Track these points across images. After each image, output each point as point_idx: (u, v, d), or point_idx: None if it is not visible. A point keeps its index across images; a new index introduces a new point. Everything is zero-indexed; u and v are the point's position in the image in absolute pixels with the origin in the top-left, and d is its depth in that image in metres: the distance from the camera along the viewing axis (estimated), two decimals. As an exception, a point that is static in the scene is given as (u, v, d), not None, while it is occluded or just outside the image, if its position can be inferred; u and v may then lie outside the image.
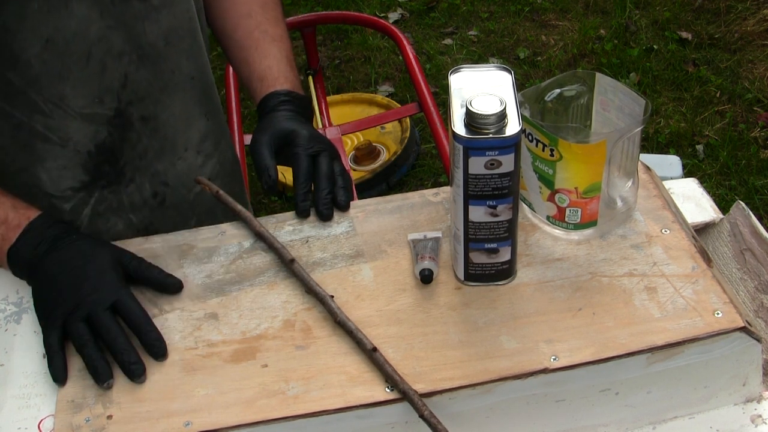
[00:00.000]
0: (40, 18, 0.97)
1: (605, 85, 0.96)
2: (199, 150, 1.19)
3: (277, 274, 0.98)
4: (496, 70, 0.91)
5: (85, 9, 1.00)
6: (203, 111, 1.17)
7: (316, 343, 0.90)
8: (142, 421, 0.84)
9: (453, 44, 3.28)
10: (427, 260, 0.95)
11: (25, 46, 0.98)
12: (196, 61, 1.13)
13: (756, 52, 3.11)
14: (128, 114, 1.08)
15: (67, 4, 0.98)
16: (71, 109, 1.04)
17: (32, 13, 0.97)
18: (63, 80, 1.02)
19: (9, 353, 0.94)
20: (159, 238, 1.04)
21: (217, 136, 1.22)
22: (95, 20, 1.01)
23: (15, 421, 0.87)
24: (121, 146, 1.10)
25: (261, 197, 2.73)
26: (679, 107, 2.89)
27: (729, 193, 2.55)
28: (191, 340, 0.91)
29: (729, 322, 0.88)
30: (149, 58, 1.07)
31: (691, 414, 0.92)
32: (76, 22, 1.00)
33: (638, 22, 3.29)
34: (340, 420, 0.84)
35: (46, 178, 1.07)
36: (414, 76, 2.30)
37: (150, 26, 1.06)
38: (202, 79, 1.16)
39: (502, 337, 0.89)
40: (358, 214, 1.05)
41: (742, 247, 1.09)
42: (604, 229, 0.99)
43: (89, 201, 1.11)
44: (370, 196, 1.97)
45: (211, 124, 1.20)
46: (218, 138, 1.23)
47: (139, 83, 1.08)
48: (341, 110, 2.85)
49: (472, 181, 0.87)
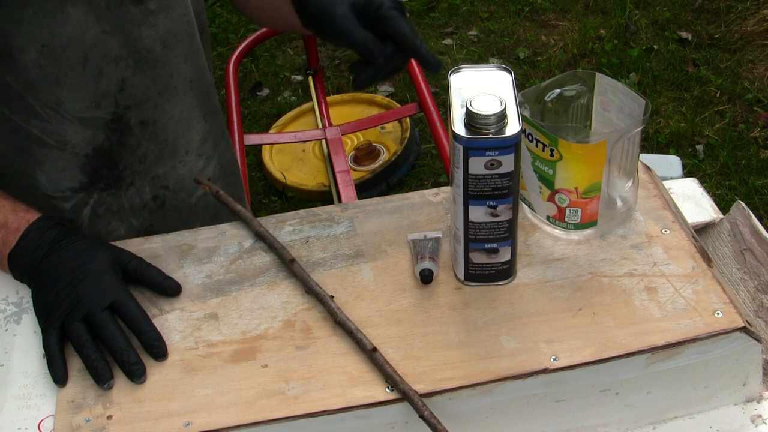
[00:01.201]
0: (36, 23, 0.97)
1: (605, 85, 0.96)
2: (200, 153, 1.19)
3: (277, 274, 0.98)
4: (496, 70, 0.91)
5: (80, 14, 0.99)
6: (202, 113, 1.17)
7: (316, 343, 0.90)
8: (142, 421, 0.84)
9: (453, 44, 3.27)
10: (427, 260, 0.95)
11: (21, 51, 0.98)
12: (194, 64, 1.13)
13: (756, 52, 3.11)
14: (126, 118, 1.08)
15: (63, 9, 0.98)
16: (68, 114, 1.04)
17: (28, 18, 0.96)
18: (60, 85, 1.02)
19: (9, 353, 0.94)
20: (159, 239, 1.04)
21: (216, 138, 1.22)
22: (91, 25, 1.01)
23: (15, 421, 0.87)
24: (119, 150, 1.10)
25: (261, 197, 2.73)
26: (679, 107, 2.89)
27: (729, 193, 2.55)
28: (191, 340, 0.91)
29: (729, 322, 0.88)
30: (147, 63, 1.07)
31: (691, 414, 0.92)
32: (72, 27, 0.99)
33: (638, 22, 3.29)
34: (340, 420, 0.84)
35: (45, 180, 1.07)
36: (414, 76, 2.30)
37: (147, 30, 1.05)
38: (201, 81, 1.15)
39: (502, 337, 0.89)
40: (358, 214, 1.05)
41: (742, 247, 1.09)
42: (604, 229, 0.99)
43: (89, 201, 1.11)
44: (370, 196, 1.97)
45: (210, 126, 1.20)
46: (217, 140, 1.23)
47: (137, 88, 1.07)
48: (341, 110, 2.85)
49: (472, 181, 0.87)
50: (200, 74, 1.15)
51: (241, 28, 3.41)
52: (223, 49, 3.29)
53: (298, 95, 3.09)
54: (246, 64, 3.21)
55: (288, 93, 3.12)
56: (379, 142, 2.77)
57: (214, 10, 3.50)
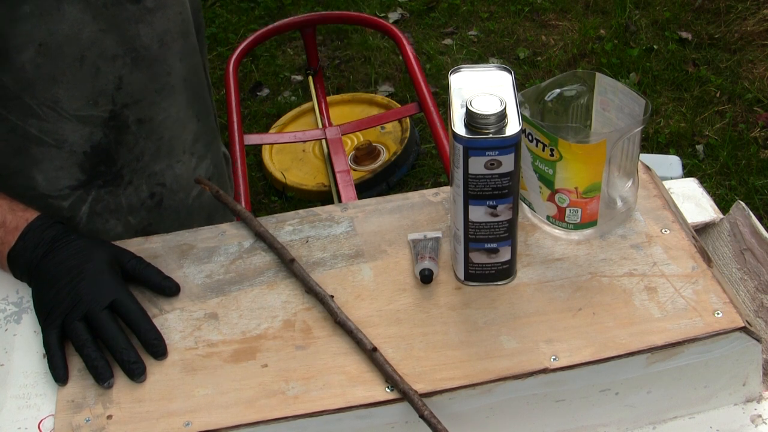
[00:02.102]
0: (33, 22, 0.97)
1: (605, 85, 0.96)
2: (193, 152, 1.19)
3: (277, 274, 0.98)
4: (496, 70, 0.91)
5: (77, 12, 0.99)
6: (195, 112, 1.17)
7: (316, 343, 0.90)
8: (142, 421, 0.84)
9: (453, 44, 3.27)
10: (427, 260, 0.95)
11: (18, 50, 0.98)
12: (189, 62, 1.13)
13: (756, 52, 3.10)
14: (124, 116, 1.08)
15: (59, 6, 0.98)
16: (66, 112, 1.03)
17: (24, 17, 0.96)
18: (57, 83, 1.01)
19: (9, 353, 0.94)
20: (159, 239, 1.04)
21: (208, 138, 1.22)
22: (88, 23, 1.01)
23: (15, 421, 0.87)
24: (117, 148, 1.10)
25: (261, 197, 2.73)
26: (679, 107, 2.89)
27: (729, 193, 2.55)
28: (191, 340, 0.91)
29: (729, 322, 0.88)
30: (144, 61, 1.07)
31: (691, 414, 0.92)
32: (69, 26, 0.99)
33: (638, 22, 3.28)
34: (340, 420, 0.84)
35: (42, 179, 1.07)
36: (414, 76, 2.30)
37: (144, 29, 1.05)
38: (194, 80, 1.15)
39: (502, 337, 0.89)
40: (358, 214, 1.05)
41: (742, 247, 1.09)
42: (604, 229, 0.99)
43: (86, 199, 1.11)
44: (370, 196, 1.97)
45: (202, 125, 1.20)
46: (209, 139, 1.23)
47: (134, 86, 1.07)
48: (341, 110, 2.85)
49: (472, 181, 0.87)
50: (194, 73, 1.15)
51: (241, 28, 3.41)
52: (223, 49, 3.29)
53: (298, 95, 3.09)
54: (246, 64, 3.21)
55: (288, 93, 3.12)
56: (379, 142, 2.77)
57: (214, 10, 3.51)
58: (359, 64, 3.23)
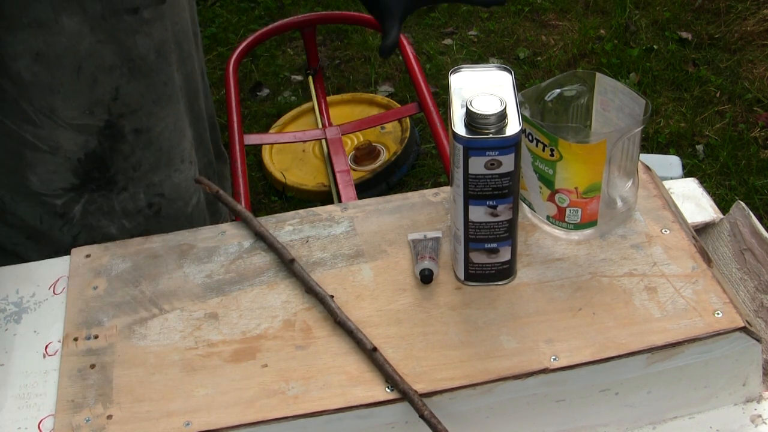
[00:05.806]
0: (30, 32, 0.97)
1: (605, 85, 0.96)
2: (191, 161, 1.19)
3: (277, 274, 0.98)
4: (496, 70, 0.91)
5: (75, 24, 0.99)
6: (189, 120, 1.17)
7: (316, 343, 0.90)
8: (142, 421, 0.84)
9: (453, 44, 3.27)
10: (427, 260, 0.95)
11: (14, 59, 0.98)
12: (184, 70, 1.13)
13: (756, 52, 3.11)
14: (119, 126, 1.08)
15: (58, 19, 0.98)
16: (61, 120, 1.03)
17: (22, 28, 0.96)
18: (54, 93, 1.01)
19: (9, 353, 0.94)
20: (159, 239, 1.04)
21: (198, 142, 1.23)
22: (86, 35, 1.00)
23: (15, 421, 0.88)
24: (111, 156, 1.10)
25: (261, 197, 2.73)
26: (679, 107, 2.89)
27: (729, 193, 2.55)
28: (191, 340, 0.91)
29: (729, 322, 0.88)
30: (141, 71, 1.07)
31: (691, 414, 0.92)
32: (67, 38, 0.99)
33: (638, 22, 3.29)
34: (340, 420, 0.84)
35: (36, 180, 1.07)
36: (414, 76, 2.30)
37: (141, 39, 1.05)
38: (188, 88, 1.16)
39: (502, 337, 0.89)
40: (358, 214, 1.05)
41: (742, 247, 1.09)
42: (604, 229, 0.99)
43: (79, 200, 1.11)
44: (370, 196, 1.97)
45: (193, 131, 1.20)
46: (199, 143, 1.23)
47: (131, 96, 1.07)
48: (341, 110, 2.85)
49: (472, 181, 0.87)
50: (188, 81, 1.15)
51: (241, 28, 3.41)
52: (223, 49, 3.29)
53: (298, 95, 3.09)
54: (246, 64, 3.21)
55: (288, 93, 3.12)
56: (379, 142, 2.77)
57: (214, 10, 3.50)
58: (359, 64, 3.23)
